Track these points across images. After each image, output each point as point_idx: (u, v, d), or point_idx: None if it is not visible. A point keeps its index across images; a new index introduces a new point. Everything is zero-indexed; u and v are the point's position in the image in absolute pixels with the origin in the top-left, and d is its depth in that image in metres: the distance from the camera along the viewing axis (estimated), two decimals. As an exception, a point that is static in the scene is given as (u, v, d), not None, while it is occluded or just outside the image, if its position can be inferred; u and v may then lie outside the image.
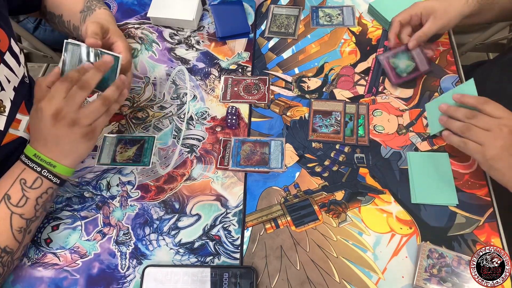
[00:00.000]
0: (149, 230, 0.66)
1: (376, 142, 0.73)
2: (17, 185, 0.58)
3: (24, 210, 0.58)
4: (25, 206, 0.58)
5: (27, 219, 0.59)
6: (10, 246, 0.58)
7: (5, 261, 0.58)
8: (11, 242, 0.58)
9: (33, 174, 0.59)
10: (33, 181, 0.59)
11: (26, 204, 0.58)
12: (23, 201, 0.58)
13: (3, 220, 0.57)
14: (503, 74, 0.81)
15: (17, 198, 0.58)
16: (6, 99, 0.69)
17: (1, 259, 0.57)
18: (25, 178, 0.59)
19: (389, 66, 0.77)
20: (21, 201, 0.58)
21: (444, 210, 0.66)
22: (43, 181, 0.59)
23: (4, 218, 0.57)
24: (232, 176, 0.70)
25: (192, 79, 0.82)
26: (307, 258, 0.62)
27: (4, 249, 0.57)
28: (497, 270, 0.58)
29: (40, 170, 0.59)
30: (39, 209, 0.60)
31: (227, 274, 0.59)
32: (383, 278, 0.61)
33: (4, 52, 0.69)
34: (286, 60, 0.84)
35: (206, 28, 0.90)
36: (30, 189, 0.59)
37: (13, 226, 0.57)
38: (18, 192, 0.58)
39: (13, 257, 0.59)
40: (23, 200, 0.58)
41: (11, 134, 0.70)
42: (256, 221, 0.66)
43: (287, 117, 0.77)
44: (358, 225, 0.65)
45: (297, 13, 0.91)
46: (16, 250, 0.59)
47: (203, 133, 0.75)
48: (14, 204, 0.58)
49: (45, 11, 0.84)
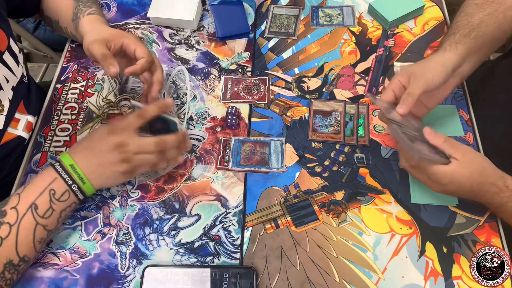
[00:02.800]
0: (149, 230, 0.66)
1: (376, 142, 0.73)
2: (46, 195, 0.57)
3: (48, 222, 0.57)
4: (50, 218, 0.57)
5: (49, 230, 0.58)
6: (29, 255, 0.57)
7: (21, 269, 0.57)
8: (30, 252, 0.57)
9: (63, 186, 0.58)
10: (62, 194, 0.58)
11: (51, 216, 0.57)
12: (49, 212, 0.57)
13: (28, 231, 0.56)
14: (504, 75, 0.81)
15: (44, 209, 0.57)
16: (4, 98, 0.69)
17: (18, 267, 0.56)
18: (55, 189, 0.57)
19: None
20: (47, 213, 0.57)
21: (444, 210, 0.66)
22: (70, 195, 0.58)
23: (29, 228, 0.56)
24: (232, 176, 0.70)
25: (192, 79, 0.82)
26: (307, 258, 0.62)
27: (23, 258, 0.56)
28: (497, 270, 0.58)
29: (71, 183, 0.58)
30: (60, 221, 0.60)
31: (227, 274, 0.59)
32: (383, 278, 0.61)
33: (3, 52, 0.69)
34: (286, 60, 0.84)
35: (206, 28, 0.90)
36: (58, 201, 0.58)
37: (36, 237, 0.57)
38: (46, 203, 0.57)
39: (28, 265, 0.59)
40: (49, 211, 0.57)
41: (10, 133, 0.70)
42: (256, 221, 0.66)
43: (287, 117, 0.77)
44: (358, 225, 0.65)
45: (297, 13, 0.91)
46: (33, 258, 0.59)
47: (203, 133, 0.75)
48: (41, 215, 0.57)
49: (43, 14, 0.84)
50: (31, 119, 0.75)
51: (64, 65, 0.85)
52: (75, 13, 0.76)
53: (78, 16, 0.75)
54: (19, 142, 0.72)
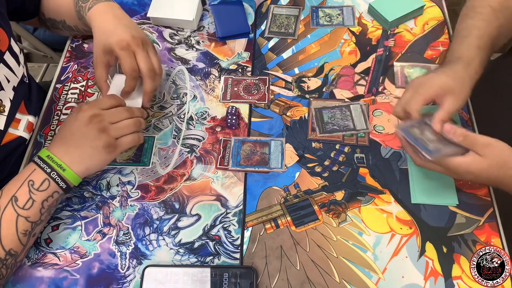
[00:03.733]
0: (149, 230, 0.66)
1: (376, 142, 0.73)
2: (25, 187, 0.58)
3: (30, 213, 0.58)
4: (31, 209, 0.58)
5: (32, 222, 0.58)
6: (15, 249, 0.57)
7: (9, 263, 0.57)
8: (16, 245, 0.57)
9: (42, 175, 0.59)
10: (41, 183, 0.59)
11: (32, 207, 0.58)
12: (29, 203, 0.58)
13: (10, 223, 0.57)
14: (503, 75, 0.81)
15: (24, 200, 0.58)
16: (5, 98, 0.69)
17: (6, 261, 0.57)
18: (34, 180, 0.59)
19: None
20: (28, 204, 0.58)
21: (444, 210, 0.66)
22: (50, 183, 0.59)
23: (10, 220, 0.57)
24: (232, 176, 0.70)
25: (192, 79, 0.82)
26: (307, 258, 0.62)
27: (9, 252, 0.57)
28: (497, 270, 0.58)
29: (50, 171, 0.59)
30: (44, 213, 0.60)
31: (227, 274, 0.59)
32: (383, 278, 0.61)
33: (4, 52, 0.69)
34: (286, 60, 0.84)
35: (206, 28, 0.90)
36: (37, 191, 0.58)
37: (19, 229, 0.57)
38: (25, 194, 0.58)
39: (17, 260, 0.59)
40: (29, 202, 0.58)
41: (10, 133, 0.70)
42: (256, 221, 0.66)
43: (287, 117, 0.77)
44: (358, 225, 0.65)
45: (297, 13, 0.91)
46: (20, 252, 0.59)
47: (203, 133, 0.75)
48: (21, 206, 0.57)
49: (44, 18, 0.83)
50: (32, 119, 0.75)
51: (64, 65, 0.85)
52: (77, 11, 0.75)
53: (82, 15, 0.75)
54: (20, 142, 0.72)
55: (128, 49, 0.67)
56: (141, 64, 0.67)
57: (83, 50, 0.87)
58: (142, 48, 0.68)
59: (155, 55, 0.71)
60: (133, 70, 0.67)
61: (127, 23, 0.70)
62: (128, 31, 0.68)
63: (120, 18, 0.70)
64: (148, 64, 0.68)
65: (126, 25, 0.69)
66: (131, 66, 0.66)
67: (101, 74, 0.70)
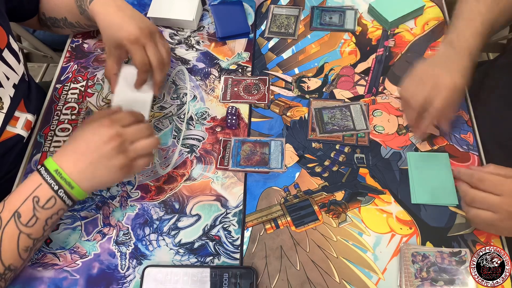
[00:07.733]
0: (149, 230, 0.66)
1: (376, 142, 0.73)
2: (29, 202, 0.55)
3: (32, 230, 0.56)
4: (34, 226, 0.55)
5: (34, 238, 0.56)
6: (15, 264, 0.56)
7: (8, 277, 0.57)
8: (15, 260, 0.56)
9: (48, 192, 0.55)
10: (47, 201, 0.55)
11: (36, 224, 0.55)
12: (33, 221, 0.55)
13: (11, 239, 0.54)
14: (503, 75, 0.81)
15: (27, 218, 0.55)
16: (5, 96, 0.69)
17: (5, 276, 0.56)
18: (39, 196, 0.55)
19: None
20: (31, 221, 0.55)
21: (444, 210, 0.66)
22: (57, 201, 0.56)
23: (12, 236, 0.54)
24: (232, 176, 0.70)
25: (192, 79, 0.82)
26: (307, 259, 0.62)
27: (9, 267, 0.55)
28: (497, 270, 0.58)
29: (57, 189, 0.55)
30: (47, 229, 0.58)
31: (227, 274, 0.59)
32: (383, 279, 0.61)
33: (3, 49, 0.69)
34: (286, 60, 0.84)
35: (206, 28, 0.90)
36: (42, 209, 0.55)
37: (20, 246, 0.55)
38: (29, 211, 0.55)
39: (16, 273, 0.59)
40: (33, 220, 0.55)
41: (8, 131, 0.70)
42: (256, 221, 0.66)
43: (287, 117, 0.77)
44: (358, 225, 0.65)
45: (297, 13, 0.91)
46: (20, 266, 0.58)
47: (203, 133, 0.75)
48: (24, 223, 0.55)
49: (44, 18, 0.83)
50: (30, 118, 0.75)
51: (64, 65, 0.85)
52: (79, 6, 0.75)
53: (83, 8, 0.74)
54: (17, 140, 0.72)
55: (137, 43, 0.68)
56: (151, 57, 0.69)
57: (83, 50, 0.87)
58: (151, 39, 0.69)
59: (163, 43, 0.72)
60: (144, 64, 0.69)
61: (131, 13, 0.70)
62: (134, 24, 0.68)
63: (124, 9, 0.71)
64: (158, 56, 0.69)
65: (131, 17, 0.69)
66: (142, 60, 0.68)
67: (112, 66, 0.71)
